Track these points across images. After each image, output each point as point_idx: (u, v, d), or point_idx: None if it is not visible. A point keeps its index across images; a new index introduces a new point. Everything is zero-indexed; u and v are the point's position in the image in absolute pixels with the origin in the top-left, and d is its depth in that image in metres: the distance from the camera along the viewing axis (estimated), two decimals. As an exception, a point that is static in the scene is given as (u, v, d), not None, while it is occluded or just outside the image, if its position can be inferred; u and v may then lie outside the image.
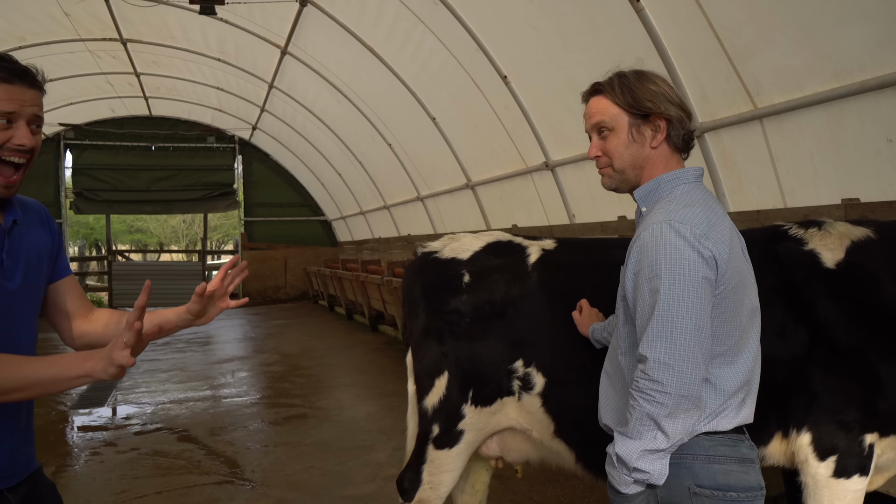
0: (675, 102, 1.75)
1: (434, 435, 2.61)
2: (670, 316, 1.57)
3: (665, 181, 1.75)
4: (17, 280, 1.64)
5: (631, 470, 1.60)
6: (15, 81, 1.58)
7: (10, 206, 1.69)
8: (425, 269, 2.78)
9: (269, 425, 5.79)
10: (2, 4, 9.13)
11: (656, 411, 1.56)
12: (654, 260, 1.61)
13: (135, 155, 16.08)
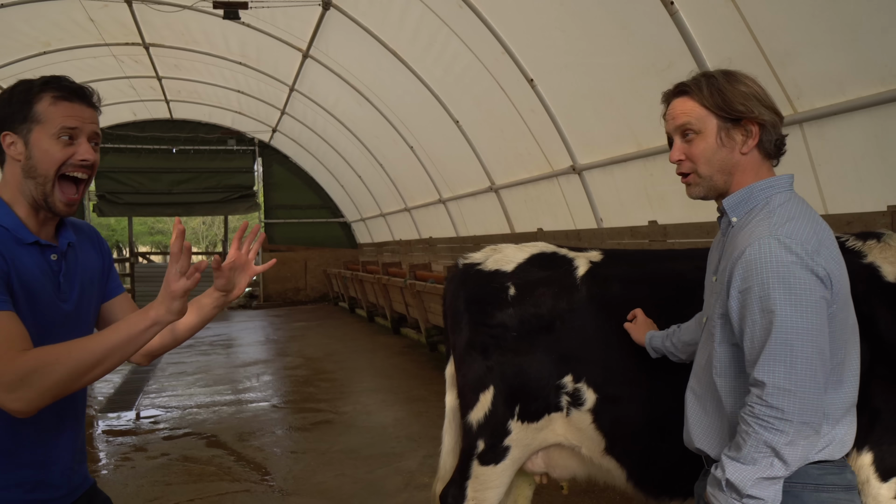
0: (768, 105, 1.66)
1: (479, 451, 2.57)
2: (788, 339, 1.49)
3: (758, 190, 1.66)
4: (73, 302, 1.66)
5: (743, 496, 1.52)
6: (74, 100, 1.59)
7: (64, 228, 1.69)
8: (468, 282, 2.74)
9: (296, 431, 5.78)
10: (27, 11, 9.20)
11: (775, 439, 1.48)
12: (766, 279, 1.51)
13: (156, 158, 16.20)
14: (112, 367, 1.47)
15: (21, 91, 1.58)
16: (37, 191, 1.57)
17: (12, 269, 1.49)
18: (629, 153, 5.71)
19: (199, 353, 10.01)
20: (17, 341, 1.40)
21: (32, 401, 1.37)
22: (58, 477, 1.60)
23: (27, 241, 1.56)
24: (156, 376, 8.26)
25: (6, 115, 1.57)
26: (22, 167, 1.56)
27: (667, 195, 5.52)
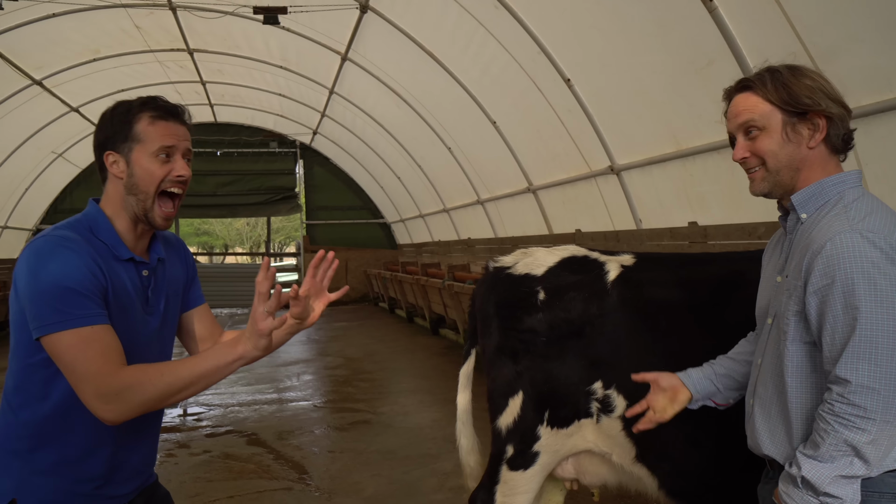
0: (835, 99, 1.62)
1: (508, 456, 2.56)
2: (874, 337, 1.46)
3: (829, 185, 1.62)
4: (159, 315, 1.75)
5: (819, 494, 1.50)
6: (170, 119, 1.67)
7: (155, 242, 1.77)
8: (498, 286, 2.73)
9: (334, 430, 5.85)
10: (78, 20, 9.50)
11: (857, 438, 1.46)
12: (849, 274, 1.48)
13: (201, 161, 16.55)
14: (197, 393, 1.57)
15: (121, 112, 1.67)
16: (138, 206, 1.66)
17: (109, 284, 1.58)
18: (668, 153, 5.61)
19: (242, 352, 10.20)
20: (113, 356, 1.50)
21: (123, 413, 1.48)
22: (127, 477, 1.70)
23: (123, 258, 1.65)
24: (200, 375, 8.46)
25: (108, 135, 1.67)
26: (124, 184, 1.66)
27: (707, 196, 5.41)
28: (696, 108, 5.12)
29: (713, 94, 4.85)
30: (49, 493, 1.57)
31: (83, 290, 1.51)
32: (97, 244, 1.61)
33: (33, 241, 1.56)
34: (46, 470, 1.57)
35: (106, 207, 1.68)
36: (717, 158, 5.14)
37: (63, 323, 1.47)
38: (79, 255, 1.53)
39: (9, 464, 1.58)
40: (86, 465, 1.61)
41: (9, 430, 1.59)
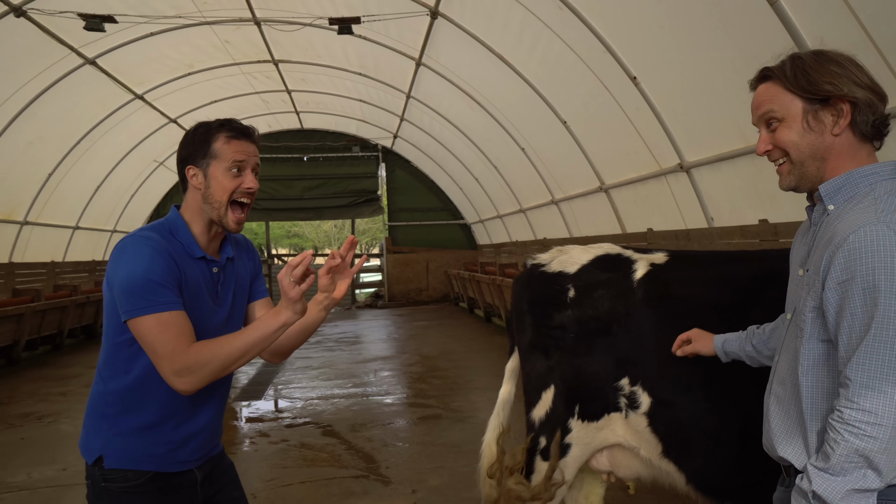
0: (863, 84, 1.52)
1: (542, 447, 2.67)
2: (889, 337, 1.36)
3: (860, 176, 1.51)
4: (227, 306, 2.01)
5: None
6: (242, 138, 1.92)
7: (226, 243, 2.03)
8: (532, 283, 2.85)
9: (405, 424, 6.08)
10: (174, 38, 10.22)
11: (867, 446, 1.36)
12: (872, 268, 1.38)
13: (289, 166, 17.34)
14: (251, 358, 1.82)
15: (201, 132, 1.93)
16: (213, 213, 1.92)
17: (183, 277, 1.85)
18: (737, 149, 5.50)
19: (325, 349, 10.66)
20: (186, 336, 1.77)
21: (194, 384, 1.76)
22: (196, 446, 1.96)
23: (196, 256, 1.92)
24: (284, 370, 8.93)
25: (189, 152, 1.93)
26: (202, 194, 1.92)
27: (777, 192, 5.26)
28: (762, 103, 4.99)
29: (778, 87, 4.76)
30: (128, 453, 1.85)
31: (162, 281, 1.77)
32: (175, 244, 1.88)
33: (123, 240, 1.85)
34: (127, 433, 1.86)
35: (185, 213, 1.95)
36: (785, 153, 5.00)
37: (146, 308, 1.75)
38: (159, 252, 1.80)
39: (98, 426, 1.88)
40: (160, 431, 1.88)
41: (99, 398, 1.90)
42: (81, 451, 1.92)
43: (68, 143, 11.36)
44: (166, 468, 1.89)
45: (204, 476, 1.99)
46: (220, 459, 2.09)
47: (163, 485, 1.89)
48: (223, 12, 9.58)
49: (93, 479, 1.88)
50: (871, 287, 1.38)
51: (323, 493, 4.43)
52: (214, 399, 2.01)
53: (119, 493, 1.85)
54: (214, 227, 1.95)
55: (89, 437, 1.90)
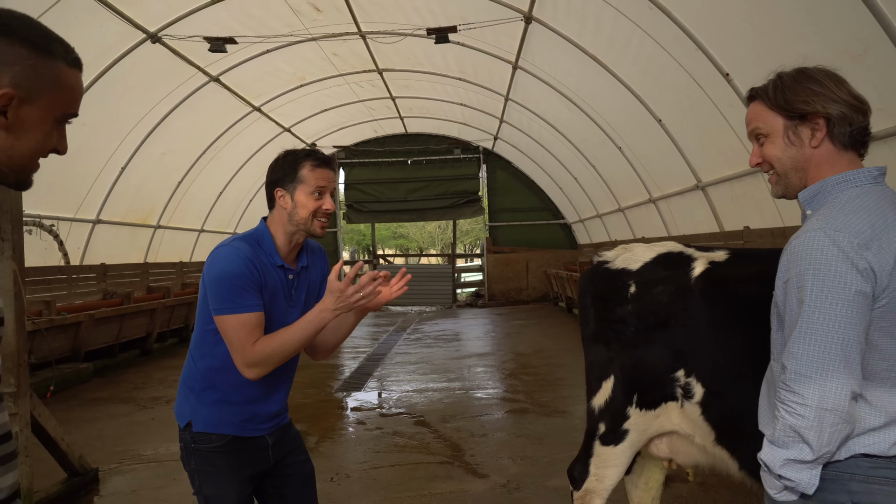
0: (839, 99, 1.65)
1: (601, 432, 2.84)
2: (813, 328, 1.53)
3: (832, 184, 1.65)
4: (300, 307, 2.34)
5: (777, 477, 1.59)
6: (324, 167, 2.26)
7: (302, 253, 2.37)
8: (596, 279, 3.02)
9: (493, 417, 6.33)
10: (287, 53, 10.99)
11: (797, 423, 1.54)
12: (803, 270, 1.54)
13: (393, 169, 18.02)
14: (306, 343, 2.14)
15: (290, 160, 2.25)
16: (298, 228, 2.25)
17: (263, 282, 2.20)
18: (832, 145, 5.34)
19: (424, 345, 11.09)
20: (256, 335, 2.12)
21: (259, 373, 2.12)
22: (266, 418, 2.31)
23: (277, 264, 2.26)
24: (384, 364, 9.41)
25: (279, 176, 2.25)
26: (287, 213, 2.24)
27: (875, 188, 5.08)
28: (857, 97, 4.85)
29: (872, 80, 4.69)
30: (212, 419, 2.22)
31: (246, 286, 2.12)
32: (260, 252, 2.22)
33: (217, 248, 2.20)
34: (211, 403, 2.23)
35: (271, 226, 2.29)
36: (882, 148, 4.83)
37: (230, 309, 2.09)
38: (245, 261, 2.14)
39: (188, 396, 2.27)
40: (237, 405, 2.24)
41: (189, 373, 2.28)
42: (176, 416, 2.29)
43: (195, 154, 12.46)
44: (243, 433, 2.24)
45: (274, 441, 2.33)
46: (288, 428, 2.43)
47: (240, 447, 2.23)
48: (331, 28, 10.22)
49: (184, 441, 2.24)
50: (801, 286, 1.55)
51: (409, 475, 4.77)
52: (284, 384, 2.35)
53: (205, 451, 2.21)
54: (295, 238, 2.27)
55: (181, 405, 2.27)
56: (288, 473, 2.39)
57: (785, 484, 1.59)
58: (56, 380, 7.63)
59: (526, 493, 4.37)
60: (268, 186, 2.29)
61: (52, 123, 1.09)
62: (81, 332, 8.60)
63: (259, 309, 2.14)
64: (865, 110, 1.68)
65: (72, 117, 1.12)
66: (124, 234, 11.69)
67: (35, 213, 8.96)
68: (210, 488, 2.21)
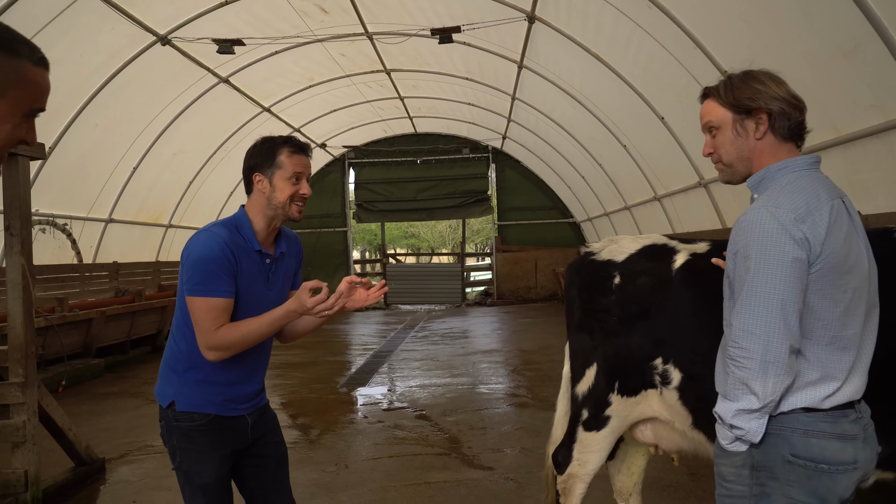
0: (779, 97, 1.86)
1: (584, 418, 2.92)
2: (757, 291, 1.72)
3: (774, 170, 1.86)
4: (276, 290, 2.44)
5: (729, 427, 1.78)
6: (301, 153, 2.36)
7: (280, 239, 2.47)
8: (582, 270, 3.10)
9: (492, 411, 6.41)
10: (296, 54, 11.12)
11: (745, 375, 1.73)
12: (748, 241, 1.75)
13: (403, 169, 18.13)
14: (268, 336, 2.26)
15: (268, 146, 2.33)
16: (276, 212, 2.35)
17: (240, 267, 2.29)
18: (827, 140, 5.38)
19: (430, 342, 11.19)
20: (221, 320, 2.22)
21: (220, 356, 2.24)
22: (245, 398, 2.42)
23: (255, 249, 2.35)
24: (389, 360, 9.52)
25: (257, 162, 2.33)
26: (266, 197, 2.34)
27: (869, 183, 5.12)
28: (850, 94, 4.90)
29: (864, 77, 4.74)
30: (194, 399, 2.32)
31: (219, 271, 2.21)
32: (238, 238, 2.31)
33: (197, 233, 2.30)
34: (193, 384, 2.32)
35: (249, 211, 2.38)
36: (876, 143, 4.88)
37: (201, 291, 2.19)
38: (221, 246, 2.23)
39: (170, 377, 2.36)
40: (218, 386, 2.33)
41: (171, 355, 2.37)
42: (157, 397, 2.37)
43: (206, 154, 12.64)
44: (224, 412, 2.33)
45: (254, 421, 2.43)
46: (266, 409, 2.53)
47: (221, 425, 2.33)
48: (338, 29, 10.34)
49: (166, 419, 2.33)
50: (747, 256, 1.76)
51: (406, 466, 4.87)
52: (262, 365, 2.47)
53: (187, 430, 2.30)
54: (273, 223, 2.36)
55: (163, 386, 2.35)
56: (264, 454, 2.48)
57: (736, 434, 1.78)
58: (68, 375, 7.81)
59: (519, 483, 4.45)
60: (246, 172, 2.37)
61: (20, 117, 1.19)
62: (93, 329, 8.78)
63: (228, 295, 2.23)
64: (801, 107, 1.88)
65: (39, 111, 1.22)
66: (136, 234, 11.89)
67: (48, 212, 9.16)
68: (190, 464, 2.31)
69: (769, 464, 1.78)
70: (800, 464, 1.75)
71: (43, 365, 7.90)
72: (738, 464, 1.81)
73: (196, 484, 2.31)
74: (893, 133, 4.60)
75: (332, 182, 18.28)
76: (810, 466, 1.74)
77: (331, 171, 18.31)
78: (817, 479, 1.74)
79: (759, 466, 1.79)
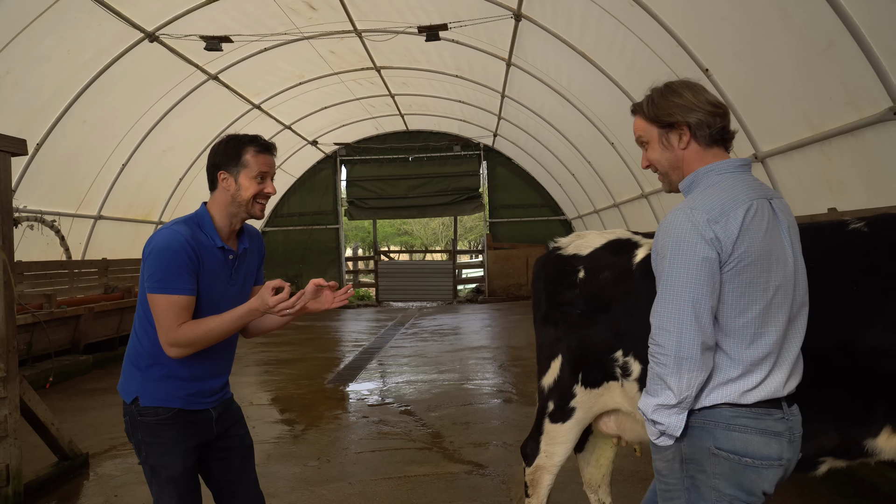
0: (698, 108, 1.93)
1: (550, 410, 2.98)
2: (671, 289, 1.79)
3: (701, 173, 1.94)
4: (238, 285, 2.48)
5: (652, 423, 1.85)
6: (266, 153, 2.40)
7: (242, 236, 2.50)
8: (548, 264, 3.16)
9: (476, 406, 6.47)
10: (285, 51, 11.14)
11: (661, 371, 1.80)
12: (664, 241, 1.83)
13: (394, 166, 18.16)
14: (229, 334, 2.29)
15: (233, 145, 2.35)
16: (240, 209, 2.38)
17: (202, 264, 2.31)
18: (805, 137, 5.44)
19: (419, 339, 11.24)
20: (182, 318, 2.25)
21: (182, 353, 2.27)
22: (210, 392, 2.45)
23: (217, 246, 2.38)
24: (377, 357, 9.56)
25: (222, 159, 2.35)
26: (231, 195, 2.37)
27: (846, 180, 5.18)
28: (825, 90, 4.95)
29: (838, 74, 4.80)
30: (158, 394, 2.34)
31: (180, 268, 2.24)
32: (200, 235, 2.34)
33: (158, 230, 2.32)
34: (157, 379, 2.34)
35: (211, 209, 2.40)
36: (851, 141, 4.93)
37: (162, 288, 2.22)
38: (182, 244, 2.25)
39: (134, 373, 2.38)
40: (182, 381, 2.36)
41: (134, 351, 2.39)
42: (121, 393, 2.39)
43: (196, 151, 12.65)
44: (189, 406, 2.36)
45: (218, 415, 2.47)
46: (231, 402, 2.57)
47: (185, 419, 2.35)
48: (328, 26, 10.37)
49: (130, 414, 2.35)
50: (662, 256, 1.84)
51: (388, 460, 4.92)
52: (226, 360, 2.50)
53: (151, 424, 2.32)
54: (235, 220, 2.39)
55: (126, 382, 2.38)
56: (229, 446, 2.52)
57: (659, 429, 1.84)
58: (55, 371, 7.84)
59: (497, 477, 4.51)
60: (210, 169, 2.39)
61: None
62: (81, 325, 8.81)
63: (190, 293, 2.25)
64: (722, 113, 1.95)
65: None
66: (126, 230, 11.90)
67: (37, 208, 9.17)
68: (156, 458, 2.33)
69: (696, 456, 1.84)
70: (724, 456, 1.80)
71: (30, 361, 7.93)
72: (668, 458, 1.88)
73: (163, 477, 2.34)
74: (867, 130, 4.66)
75: (323, 179, 18.30)
76: (734, 459, 1.80)
77: (322, 168, 18.33)
78: (742, 472, 1.79)
79: (688, 459, 1.85)
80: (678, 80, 2.02)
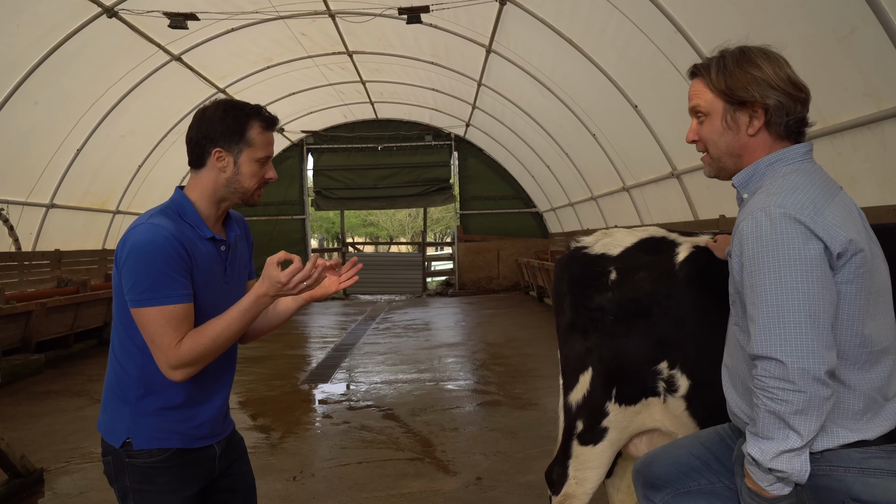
0: (780, 87, 1.62)
1: (578, 431, 2.64)
2: (779, 308, 1.47)
3: (764, 164, 1.65)
4: (234, 281, 2.04)
5: (767, 471, 1.51)
6: (272, 129, 1.96)
7: (230, 222, 2.06)
8: (573, 265, 2.80)
9: (464, 410, 6.12)
10: (253, 32, 10.58)
11: (779, 409, 1.47)
12: (755, 251, 1.52)
13: (364, 156, 17.67)
14: (239, 333, 1.85)
15: (233, 114, 1.89)
16: (235, 196, 1.94)
17: (193, 261, 1.85)
18: (814, 130, 5.18)
19: (393, 335, 10.85)
20: (182, 330, 1.79)
21: (189, 374, 1.82)
22: (208, 422, 1.98)
23: (206, 237, 1.92)
24: (352, 354, 9.15)
25: (219, 132, 1.88)
26: (226, 178, 1.90)
27: (857, 175, 4.96)
28: (840, 81, 4.72)
29: (858, 64, 4.53)
30: (152, 431, 1.86)
31: (170, 271, 1.76)
32: (184, 226, 1.87)
33: (132, 228, 1.83)
34: (151, 413, 1.86)
35: (190, 194, 1.93)
36: (866, 134, 4.72)
37: (151, 300, 1.75)
38: (167, 240, 1.77)
39: (121, 410, 1.88)
40: (182, 410, 1.90)
41: (119, 382, 1.89)
42: (104, 435, 1.91)
43: (156, 136, 12.00)
44: (190, 444, 1.92)
45: (222, 450, 2.03)
46: (233, 435, 2.12)
47: (186, 459, 1.91)
48: (299, 6, 9.84)
49: (115, 455, 1.88)
50: (755, 270, 1.52)
51: (378, 473, 4.53)
52: (227, 378, 2.05)
53: (143, 468, 1.86)
54: (223, 206, 1.96)
55: (112, 421, 1.90)
56: (231, 487, 2.09)
57: (777, 476, 1.51)
58: (3, 372, 7.24)
59: (499, 492, 4.16)
60: (198, 141, 1.91)
61: None
62: (32, 322, 8.18)
63: (187, 299, 1.80)
64: (804, 99, 1.64)
65: None
66: (81, 220, 11.21)
67: (-18, 195, 8.49)
68: None
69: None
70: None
71: (-25, 361, 7.31)
72: None
73: None
74: (886, 123, 4.44)
75: (289, 168, 17.69)
76: None
77: (288, 156, 17.73)
78: None
79: None
80: (755, 47, 1.71)
